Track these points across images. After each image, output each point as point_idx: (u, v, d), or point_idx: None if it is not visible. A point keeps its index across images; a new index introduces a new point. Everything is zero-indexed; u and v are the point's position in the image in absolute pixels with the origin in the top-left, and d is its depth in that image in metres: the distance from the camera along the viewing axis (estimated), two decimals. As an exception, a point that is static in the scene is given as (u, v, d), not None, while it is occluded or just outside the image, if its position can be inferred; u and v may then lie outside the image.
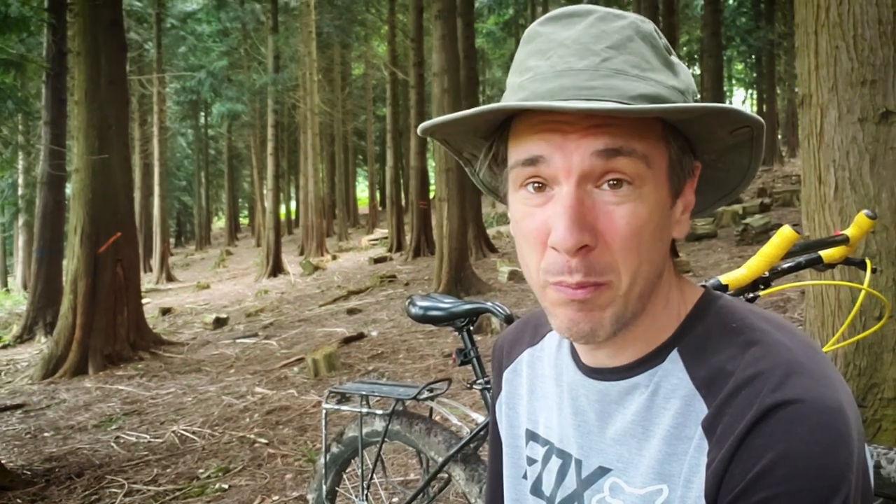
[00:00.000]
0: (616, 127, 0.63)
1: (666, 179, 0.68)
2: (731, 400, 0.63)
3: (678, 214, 0.71)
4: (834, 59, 2.31)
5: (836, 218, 2.33)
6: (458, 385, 4.58)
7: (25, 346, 9.78)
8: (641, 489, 0.69)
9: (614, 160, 0.63)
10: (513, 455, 0.89)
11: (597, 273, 0.64)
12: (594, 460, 0.75)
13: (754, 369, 0.63)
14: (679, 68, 0.69)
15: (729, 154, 0.72)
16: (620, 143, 0.63)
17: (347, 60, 29.42)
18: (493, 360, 0.98)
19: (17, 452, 4.70)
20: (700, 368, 0.67)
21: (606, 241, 0.64)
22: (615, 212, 0.64)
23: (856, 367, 2.33)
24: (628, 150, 0.64)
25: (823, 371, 0.62)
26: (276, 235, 17.34)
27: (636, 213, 0.64)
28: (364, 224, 31.77)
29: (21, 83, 13.46)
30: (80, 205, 7.58)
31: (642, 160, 0.64)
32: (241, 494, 3.58)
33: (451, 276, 9.20)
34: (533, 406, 0.86)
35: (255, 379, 6.12)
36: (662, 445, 0.68)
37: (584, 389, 0.76)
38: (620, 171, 0.64)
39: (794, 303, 5.56)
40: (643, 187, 0.65)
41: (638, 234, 0.65)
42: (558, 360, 0.83)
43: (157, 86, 21.15)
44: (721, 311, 0.71)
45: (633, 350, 0.72)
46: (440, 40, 9.41)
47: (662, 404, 0.69)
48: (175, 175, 34.15)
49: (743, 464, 0.60)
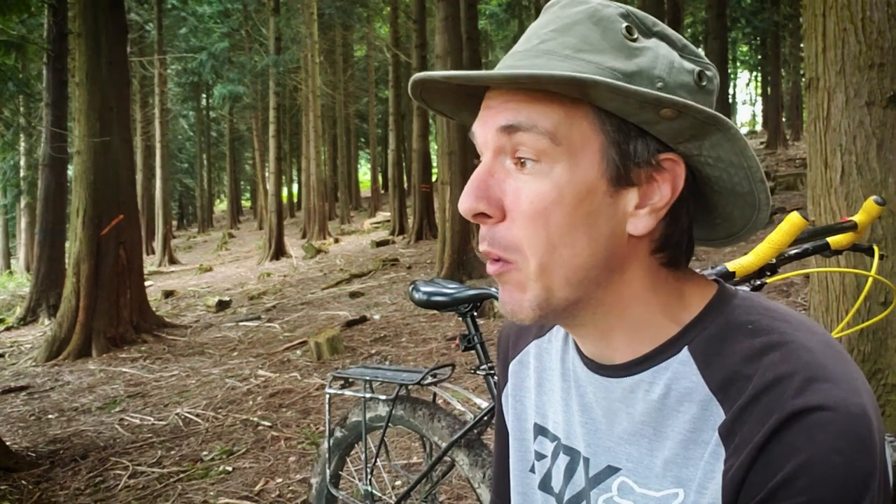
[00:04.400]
0: (523, 104, 0.64)
1: (597, 162, 0.64)
2: (751, 406, 0.61)
3: (630, 207, 0.66)
4: (842, 41, 2.28)
5: (842, 202, 2.32)
6: (461, 369, 4.59)
7: (29, 328, 9.81)
8: (657, 492, 0.67)
9: (515, 136, 0.64)
10: (520, 448, 0.88)
11: (500, 248, 0.66)
12: (602, 459, 0.74)
13: (774, 374, 0.61)
14: (642, 52, 0.65)
15: (704, 146, 0.66)
16: (521, 118, 0.64)
17: (349, 42, 29.25)
18: (498, 351, 0.96)
19: (21, 434, 4.73)
20: (715, 371, 0.65)
21: (513, 218, 0.65)
22: (521, 189, 0.65)
23: (860, 353, 2.33)
24: (528, 126, 0.63)
25: (846, 373, 0.61)
26: (278, 218, 17.33)
27: (538, 192, 0.64)
28: (366, 207, 31.73)
29: (22, 65, 13.40)
30: (82, 187, 7.57)
31: (546, 136, 0.63)
32: (245, 477, 3.60)
33: (453, 260, 9.20)
34: (541, 399, 0.85)
35: (258, 362, 6.14)
36: (679, 449, 0.66)
37: (591, 386, 0.75)
38: (522, 146, 0.64)
39: (797, 287, 5.55)
40: (554, 166, 0.64)
41: (543, 213, 0.64)
42: (565, 353, 0.82)
43: (158, 67, 21.04)
44: (736, 310, 0.68)
45: (628, 348, 0.70)
46: (443, 22, 9.34)
47: (676, 407, 0.67)
48: (177, 157, 34.11)
49: (763, 472, 0.58)
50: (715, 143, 0.65)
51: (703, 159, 0.67)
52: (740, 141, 0.63)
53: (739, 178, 0.67)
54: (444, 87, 0.71)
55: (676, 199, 0.67)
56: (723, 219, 0.73)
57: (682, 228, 0.69)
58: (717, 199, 0.71)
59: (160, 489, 3.56)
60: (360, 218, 27.17)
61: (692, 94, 0.66)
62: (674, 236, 0.69)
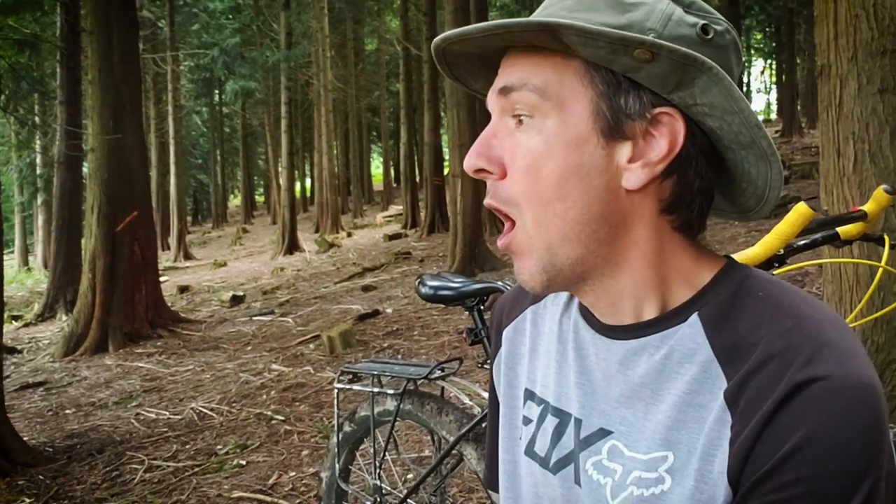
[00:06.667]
0: (518, 65, 0.68)
1: (588, 116, 0.65)
2: (757, 372, 0.61)
3: (623, 160, 0.66)
4: (854, 28, 2.25)
5: (855, 191, 2.29)
6: (470, 362, 4.59)
7: (47, 324, 9.93)
8: (645, 455, 0.67)
9: (510, 95, 0.68)
10: (510, 415, 0.87)
11: (500, 201, 0.69)
12: (595, 421, 0.73)
13: (784, 342, 0.60)
14: (635, 7, 0.64)
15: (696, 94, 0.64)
16: (514, 79, 0.67)
17: (360, 36, 29.21)
18: (492, 320, 0.95)
19: (39, 429, 4.79)
20: (721, 335, 0.65)
21: (510, 173, 0.69)
22: (518, 144, 0.68)
23: (874, 343, 2.30)
24: (520, 85, 0.67)
25: (854, 347, 0.61)
26: (291, 213, 17.38)
27: (530, 147, 0.67)
28: (379, 201, 31.77)
29: (36, 63, 13.52)
30: (96, 184, 7.64)
31: (536, 92, 0.66)
32: (259, 470, 3.62)
33: (465, 253, 9.18)
34: (533, 365, 0.84)
35: (271, 356, 6.18)
36: (672, 411, 0.65)
37: (594, 348, 0.74)
38: (517, 104, 0.67)
39: (812, 277, 5.50)
40: (545, 120, 0.66)
41: (535, 167, 0.66)
42: (565, 316, 0.81)
43: (170, 64, 21.15)
44: (747, 280, 0.68)
45: (638, 310, 0.70)
46: (452, 14, 9.30)
47: (676, 368, 0.66)
48: (191, 153, 34.27)
49: (771, 442, 0.58)
50: (703, 88, 0.63)
51: (700, 108, 0.65)
52: (724, 81, 0.62)
53: (738, 126, 0.65)
54: (465, 58, 0.74)
55: (678, 155, 0.66)
56: (746, 181, 0.71)
57: (692, 189, 0.68)
58: (730, 156, 0.69)
59: (175, 483, 3.60)
60: (373, 212, 27.21)
61: (693, 45, 0.64)
62: (683, 197, 0.68)
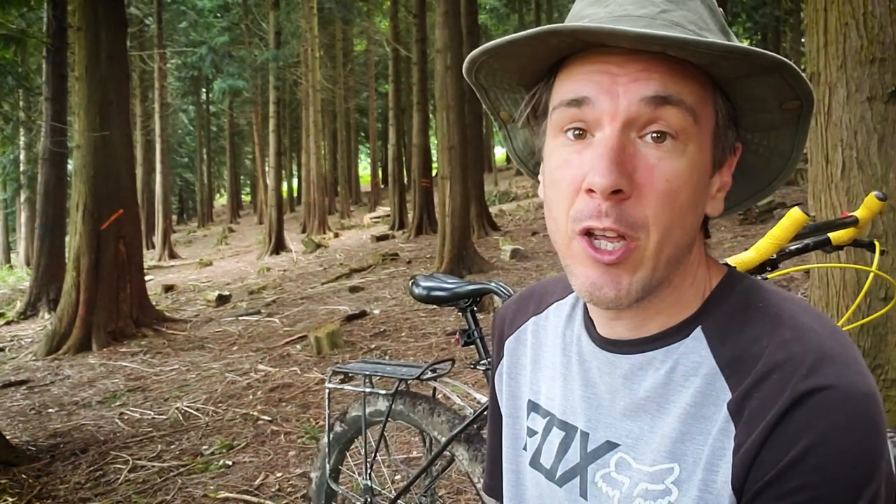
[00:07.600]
0: (667, 75, 0.62)
1: (710, 144, 0.66)
2: (761, 383, 0.61)
3: (714, 190, 0.69)
4: (843, 36, 2.28)
5: (843, 198, 2.31)
6: (460, 364, 4.59)
7: (29, 322, 9.81)
8: (651, 467, 0.67)
9: (662, 109, 0.62)
10: (513, 426, 0.88)
11: (626, 225, 0.62)
12: (602, 434, 0.73)
13: (785, 353, 0.61)
14: (733, 38, 0.67)
15: (772, 136, 0.71)
16: (671, 91, 0.62)
17: (349, 36, 29.17)
18: (493, 329, 0.96)
19: (21, 428, 4.74)
20: (724, 347, 0.66)
21: (642, 194, 0.62)
22: (656, 166, 0.62)
23: (860, 349, 2.32)
24: (677, 100, 0.62)
25: (853, 356, 0.62)
26: (278, 213, 17.31)
27: (677, 171, 0.63)
28: (366, 202, 31.71)
29: (21, 59, 13.37)
30: (81, 181, 7.56)
31: (690, 114, 0.62)
32: (245, 471, 3.60)
33: (453, 255, 9.19)
34: (536, 376, 0.85)
35: (257, 356, 6.14)
36: (678, 424, 0.66)
37: (596, 361, 0.75)
38: (667, 121, 0.62)
39: (797, 282, 5.55)
40: (688, 145, 0.63)
41: (675, 192, 0.63)
42: (568, 329, 0.81)
43: (158, 61, 20.98)
44: (747, 290, 0.70)
45: (653, 324, 0.70)
46: (443, 16, 9.32)
47: (681, 381, 0.67)
48: (177, 151, 34.07)
49: (775, 451, 0.59)
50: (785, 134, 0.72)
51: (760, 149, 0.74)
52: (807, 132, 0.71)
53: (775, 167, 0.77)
54: (498, 66, 0.69)
55: None
56: None
57: None
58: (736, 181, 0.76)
59: (160, 483, 3.57)
60: (360, 213, 27.15)
61: None
62: None
